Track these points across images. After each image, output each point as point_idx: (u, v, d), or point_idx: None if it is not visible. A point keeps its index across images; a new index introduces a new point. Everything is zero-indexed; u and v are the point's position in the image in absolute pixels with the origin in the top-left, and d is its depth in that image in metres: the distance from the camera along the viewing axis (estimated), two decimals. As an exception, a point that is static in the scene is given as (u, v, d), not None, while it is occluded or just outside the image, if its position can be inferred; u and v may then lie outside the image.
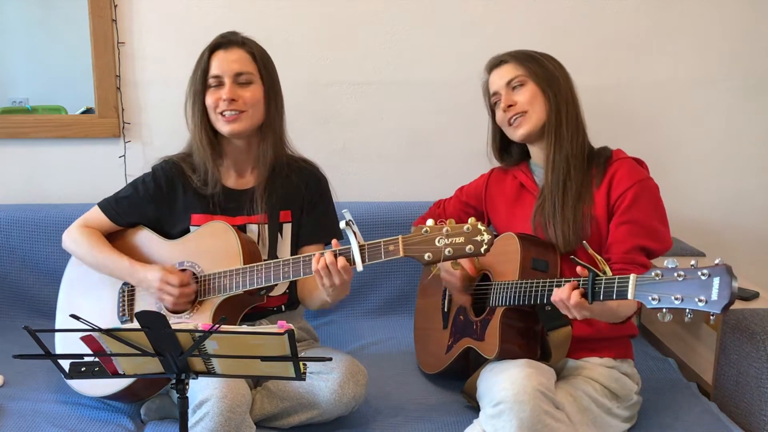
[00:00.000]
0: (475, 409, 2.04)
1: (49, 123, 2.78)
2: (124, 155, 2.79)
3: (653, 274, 1.57)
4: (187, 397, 1.57)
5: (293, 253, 2.16)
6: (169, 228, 2.15)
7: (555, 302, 1.76)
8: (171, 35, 2.73)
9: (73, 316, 1.46)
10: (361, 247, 1.82)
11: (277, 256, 2.11)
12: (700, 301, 1.49)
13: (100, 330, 1.45)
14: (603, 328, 1.99)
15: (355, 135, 2.86)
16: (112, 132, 2.77)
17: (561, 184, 2.00)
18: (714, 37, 2.87)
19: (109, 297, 2.15)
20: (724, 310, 1.47)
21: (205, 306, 2.01)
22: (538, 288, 1.84)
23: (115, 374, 1.54)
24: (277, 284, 1.99)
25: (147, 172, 2.18)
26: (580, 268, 1.72)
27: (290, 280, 1.95)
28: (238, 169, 2.14)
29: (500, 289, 1.95)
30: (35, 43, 2.83)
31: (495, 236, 2.08)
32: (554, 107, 2.02)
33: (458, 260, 1.80)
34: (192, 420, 1.82)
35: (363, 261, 1.82)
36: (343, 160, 2.85)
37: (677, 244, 2.79)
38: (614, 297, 1.65)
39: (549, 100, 2.03)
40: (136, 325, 1.44)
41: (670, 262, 1.55)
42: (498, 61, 2.12)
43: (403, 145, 2.88)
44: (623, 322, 1.92)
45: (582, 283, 1.72)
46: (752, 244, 3.01)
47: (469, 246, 1.73)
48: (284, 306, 2.18)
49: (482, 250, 1.72)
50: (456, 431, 2.01)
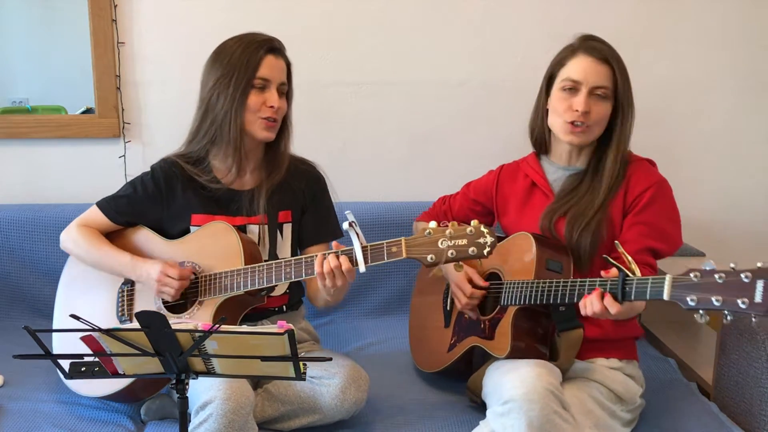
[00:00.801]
0: (477, 407, 2.04)
1: (49, 123, 2.78)
2: (124, 155, 2.79)
3: (691, 275, 1.56)
4: (187, 397, 1.57)
5: (294, 253, 2.16)
6: (169, 228, 2.15)
7: (587, 314, 1.75)
8: (171, 35, 2.73)
9: (73, 316, 1.46)
10: (364, 249, 1.82)
11: (277, 257, 2.11)
12: (743, 303, 1.48)
13: (100, 330, 1.45)
14: (609, 330, 1.99)
15: (355, 135, 2.86)
16: (112, 132, 2.77)
17: (603, 194, 1.99)
18: (714, 37, 2.87)
19: (107, 297, 2.15)
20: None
21: (206, 306, 2.01)
22: (556, 288, 1.84)
23: (115, 374, 1.54)
24: (278, 285, 2.00)
25: (146, 171, 2.18)
26: (607, 269, 1.73)
27: (291, 281, 1.95)
28: (239, 169, 2.13)
29: (514, 288, 1.95)
30: (35, 43, 2.83)
31: (500, 238, 2.09)
32: (619, 126, 2.00)
33: (460, 262, 1.81)
34: (195, 421, 1.82)
35: (366, 262, 1.82)
36: (343, 160, 2.85)
37: (677, 244, 2.79)
38: (647, 297, 1.65)
39: (616, 119, 2.00)
40: (135, 325, 1.44)
41: (708, 264, 1.55)
42: (602, 54, 1.99)
43: (403, 145, 2.88)
44: (630, 319, 1.93)
45: (611, 283, 1.72)
46: (752, 244, 3.01)
47: (472, 248, 1.73)
48: (285, 306, 2.19)
49: (485, 252, 1.72)
50: (457, 430, 2.01)
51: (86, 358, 1.54)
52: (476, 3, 2.80)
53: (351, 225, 1.80)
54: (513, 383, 1.78)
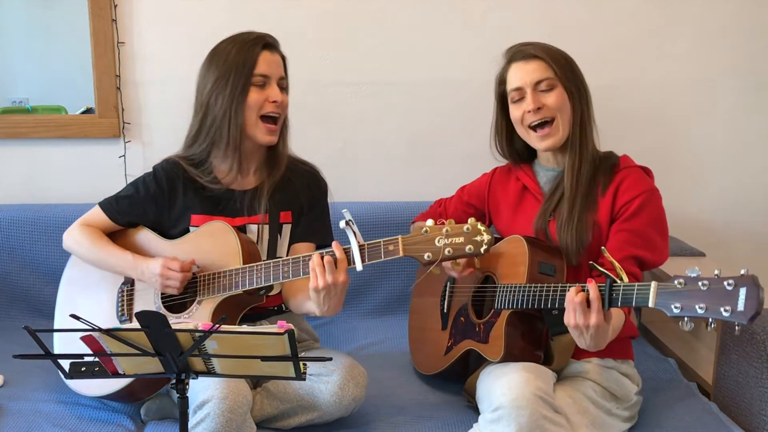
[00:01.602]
0: (475, 408, 2.04)
1: (49, 123, 2.78)
2: (124, 155, 2.79)
3: (676, 282, 1.55)
4: (187, 397, 1.57)
5: (290, 254, 2.16)
6: (169, 228, 2.15)
7: (569, 326, 1.73)
8: (171, 35, 2.74)
9: (73, 316, 1.46)
10: (361, 247, 1.82)
11: (276, 257, 2.11)
12: (726, 311, 1.47)
13: (100, 330, 1.45)
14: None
15: (355, 135, 2.86)
16: (112, 132, 2.77)
17: (581, 192, 1.97)
18: (714, 37, 2.87)
19: (107, 297, 2.15)
20: (751, 321, 1.45)
21: (205, 305, 2.01)
22: (548, 292, 1.83)
23: (115, 374, 1.54)
24: (275, 284, 2.00)
25: (148, 171, 2.18)
26: (595, 273, 1.71)
27: (289, 280, 1.95)
28: (241, 170, 2.13)
29: (507, 291, 1.94)
30: (35, 43, 2.83)
31: (497, 239, 2.09)
32: (579, 117, 1.98)
33: (458, 260, 1.81)
34: (193, 421, 1.82)
35: (363, 261, 1.82)
36: (343, 160, 2.85)
37: (677, 244, 2.79)
38: (633, 304, 1.63)
39: (575, 108, 1.98)
40: (136, 324, 1.44)
41: (692, 271, 1.53)
42: (527, 54, 2.00)
43: (402, 145, 2.88)
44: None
45: (600, 289, 1.69)
46: (752, 244, 3.01)
47: (468, 246, 1.73)
48: (284, 305, 2.18)
49: (482, 250, 1.72)
50: (455, 431, 2.01)
51: (86, 358, 1.54)
52: (476, 3, 2.80)
53: (348, 224, 1.80)
54: (502, 390, 1.77)
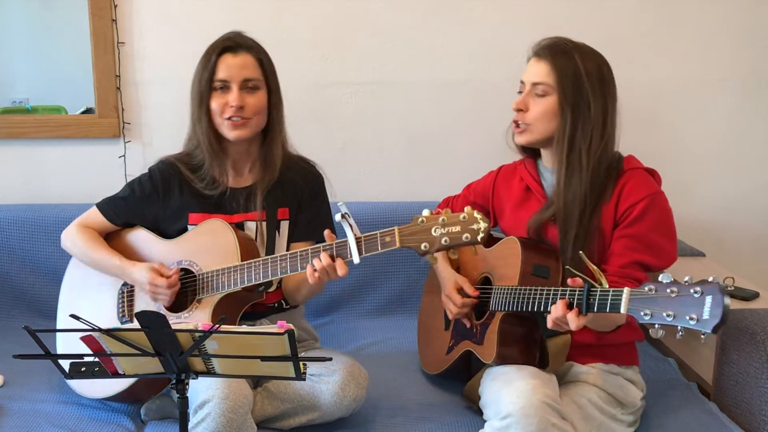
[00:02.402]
0: (475, 411, 2.04)
1: (49, 123, 2.78)
2: (124, 155, 2.79)
3: (646, 288, 1.54)
4: (187, 397, 1.57)
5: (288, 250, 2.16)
6: (167, 228, 2.15)
7: (551, 322, 1.72)
8: (171, 35, 2.73)
9: (74, 316, 1.46)
10: (358, 240, 1.82)
11: (274, 254, 2.11)
12: (691, 319, 1.46)
13: (100, 330, 1.45)
14: (607, 334, 1.96)
15: (355, 135, 2.86)
16: (112, 132, 2.77)
17: (575, 204, 1.92)
18: (714, 37, 2.87)
19: (108, 298, 2.15)
20: (715, 330, 1.44)
21: (204, 304, 2.01)
22: (538, 295, 1.82)
23: (115, 374, 1.54)
24: (274, 280, 1.99)
25: (144, 173, 2.18)
26: (573, 279, 1.69)
27: (287, 275, 1.95)
28: (236, 168, 2.14)
29: (500, 293, 1.94)
30: (35, 43, 2.83)
31: (496, 239, 2.09)
32: (568, 131, 1.91)
33: (455, 250, 1.79)
34: (193, 420, 1.82)
35: (360, 253, 1.82)
36: (342, 160, 2.85)
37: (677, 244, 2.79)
38: (608, 310, 1.62)
39: (564, 121, 1.91)
40: (136, 325, 1.44)
41: (665, 277, 1.52)
42: (539, 51, 1.96)
43: (402, 145, 2.88)
44: (614, 330, 1.88)
45: (578, 293, 1.68)
46: (752, 243, 3.01)
47: (465, 234, 1.72)
48: (283, 302, 2.18)
49: (479, 238, 1.71)
50: (456, 431, 2.01)
51: (86, 358, 1.54)
52: (476, 3, 2.80)
53: (344, 216, 1.79)
54: (510, 398, 1.77)
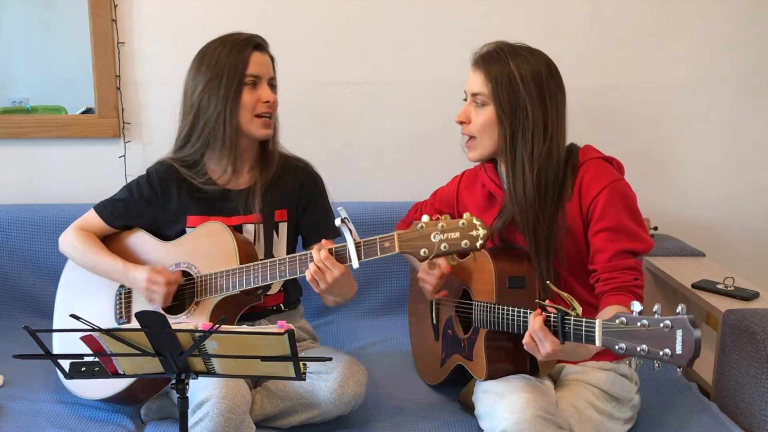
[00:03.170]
0: (472, 413, 2.04)
1: (49, 123, 2.78)
2: (124, 155, 2.79)
3: (617, 321, 1.52)
4: (187, 397, 1.57)
5: (290, 252, 2.16)
6: (165, 230, 2.15)
7: (528, 337, 1.68)
8: (171, 35, 2.73)
9: (74, 316, 1.46)
10: (357, 245, 1.82)
11: (273, 256, 2.11)
12: (665, 354, 1.44)
13: (100, 330, 1.45)
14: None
15: (355, 135, 2.86)
16: (112, 132, 2.77)
17: (528, 208, 1.90)
18: (714, 37, 2.87)
19: (105, 299, 2.15)
20: (690, 364, 1.42)
21: (203, 306, 2.01)
22: (516, 316, 1.79)
23: (115, 374, 1.54)
24: (273, 283, 2.00)
25: (142, 174, 2.18)
26: (549, 309, 1.66)
27: (286, 279, 1.96)
28: (235, 170, 2.13)
29: (481, 310, 1.91)
30: (35, 43, 2.83)
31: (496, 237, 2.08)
32: (509, 139, 1.89)
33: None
34: (192, 420, 1.82)
35: (359, 258, 1.82)
36: (343, 160, 2.85)
37: (677, 244, 2.79)
38: (583, 341, 1.60)
39: (504, 130, 1.90)
40: (136, 325, 1.44)
41: (636, 306, 1.50)
42: (477, 59, 1.97)
43: (402, 145, 2.89)
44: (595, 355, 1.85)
45: (552, 319, 1.65)
46: (752, 243, 3.01)
47: (464, 241, 1.73)
48: (282, 305, 2.19)
49: (478, 244, 1.72)
50: (456, 431, 2.01)
51: (86, 358, 1.54)
52: (476, 3, 2.80)
53: (343, 221, 1.80)
54: (503, 413, 1.76)
